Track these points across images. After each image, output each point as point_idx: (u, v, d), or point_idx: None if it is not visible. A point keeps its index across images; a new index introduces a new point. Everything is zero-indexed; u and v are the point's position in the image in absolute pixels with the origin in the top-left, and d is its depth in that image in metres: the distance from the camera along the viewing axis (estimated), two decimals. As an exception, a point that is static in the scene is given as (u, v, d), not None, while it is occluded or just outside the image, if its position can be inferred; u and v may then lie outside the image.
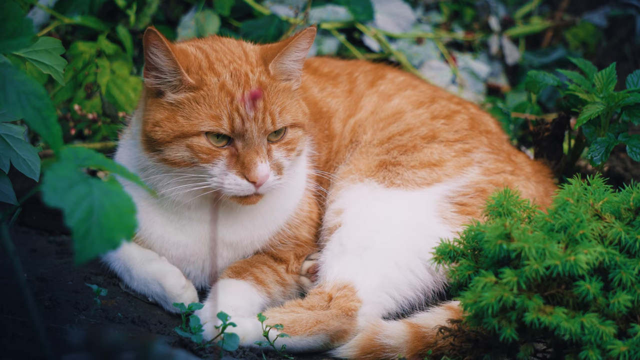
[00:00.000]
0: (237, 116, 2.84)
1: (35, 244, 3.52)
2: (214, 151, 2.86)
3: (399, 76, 3.49)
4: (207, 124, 2.84)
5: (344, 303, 2.89)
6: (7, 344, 2.43)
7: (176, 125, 2.86)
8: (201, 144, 2.85)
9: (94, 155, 2.15)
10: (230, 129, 2.84)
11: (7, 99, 2.14)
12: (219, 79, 2.87)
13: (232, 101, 2.84)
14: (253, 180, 2.84)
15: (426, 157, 3.16)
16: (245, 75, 2.89)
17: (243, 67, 2.91)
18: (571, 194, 2.57)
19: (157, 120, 2.88)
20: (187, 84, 2.86)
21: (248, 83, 2.88)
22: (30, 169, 2.86)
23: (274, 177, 2.90)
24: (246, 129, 2.84)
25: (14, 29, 2.28)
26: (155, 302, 3.06)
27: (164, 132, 2.87)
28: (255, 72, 2.91)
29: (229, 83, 2.87)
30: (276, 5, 4.13)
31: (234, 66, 2.91)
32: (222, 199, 2.94)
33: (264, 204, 3.04)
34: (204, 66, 2.90)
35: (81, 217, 2.01)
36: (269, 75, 2.93)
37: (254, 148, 2.85)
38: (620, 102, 3.18)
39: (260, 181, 2.84)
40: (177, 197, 2.96)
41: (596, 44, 4.57)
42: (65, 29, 4.00)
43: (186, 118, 2.85)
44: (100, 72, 3.84)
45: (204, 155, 2.85)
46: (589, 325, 2.39)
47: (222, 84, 2.86)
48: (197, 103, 2.85)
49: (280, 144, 2.92)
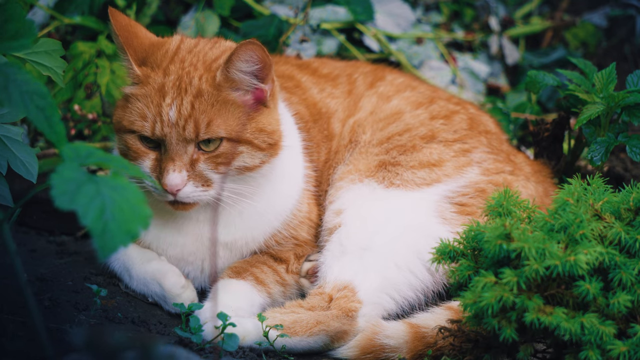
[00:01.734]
0: (159, 120, 2.83)
1: (35, 244, 3.52)
2: (143, 151, 2.88)
3: (398, 77, 3.49)
4: (136, 124, 2.86)
5: (344, 304, 2.89)
6: (7, 344, 2.43)
7: (117, 118, 2.92)
8: (131, 142, 2.89)
9: (95, 152, 2.16)
10: (151, 132, 2.85)
11: (11, 98, 2.14)
12: (163, 79, 2.87)
13: (161, 104, 2.84)
14: (164, 187, 2.83)
15: (425, 157, 3.16)
16: (190, 80, 2.86)
17: (198, 71, 2.88)
18: (571, 194, 2.58)
19: (115, 109, 2.95)
20: (134, 76, 2.90)
21: (186, 89, 2.85)
22: (27, 171, 2.86)
23: (195, 188, 2.85)
24: (165, 134, 2.83)
25: (16, 30, 2.28)
26: (155, 302, 3.06)
27: (114, 123, 2.94)
28: (203, 78, 2.87)
29: (168, 85, 2.86)
30: (276, 6, 4.13)
31: (188, 69, 2.89)
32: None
33: (249, 206, 3.02)
34: (162, 64, 2.91)
35: (95, 215, 2.03)
36: (213, 83, 2.88)
37: (171, 155, 2.84)
38: (620, 102, 3.18)
39: (170, 189, 2.82)
40: None
41: (596, 44, 4.57)
42: (65, 29, 4.00)
43: (126, 112, 2.89)
44: (100, 72, 3.84)
45: (133, 153, 2.89)
46: (589, 325, 2.39)
47: (161, 85, 2.87)
48: (137, 99, 2.88)
49: (210, 156, 2.87)
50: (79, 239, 3.58)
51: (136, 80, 2.90)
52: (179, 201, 2.88)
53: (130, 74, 2.93)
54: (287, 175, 3.11)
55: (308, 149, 3.23)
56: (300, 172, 3.19)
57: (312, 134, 3.27)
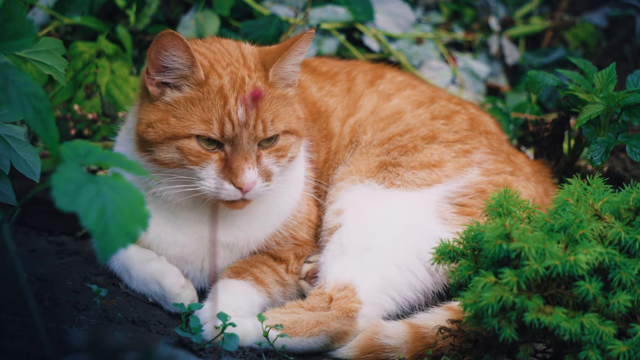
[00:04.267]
0: (228, 121, 2.83)
1: (35, 244, 3.52)
2: (203, 154, 2.85)
3: (399, 76, 3.49)
4: (198, 128, 2.84)
5: (344, 304, 2.89)
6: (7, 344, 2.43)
7: (168, 127, 2.86)
8: (191, 147, 2.85)
9: (94, 150, 2.16)
10: (220, 134, 2.84)
11: (10, 99, 2.15)
12: (220, 81, 2.87)
13: (225, 105, 2.84)
14: (239, 187, 2.84)
15: (426, 158, 3.16)
16: (242, 80, 2.88)
17: (240, 70, 2.90)
18: (571, 194, 2.58)
19: (151, 121, 2.88)
20: (196, 79, 2.85)
21: (243, 88, 2.87)
22: (30, 170, 2.86)
23: (262, 184, 2.89)
24: (236, 134, 2.83)
25: (16, 30, 2.28)
26: (155, 302, 3.06)
27: (156, 133, 2.87)
28: (253, 77, 2.90)
29: (227, 87, 2.86)
30: (276, 5, 4.13)
31: (231, 69, 2.90)
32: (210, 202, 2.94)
33: (260, 206, 3.05)
34: (207, 66, 2.90)
35: (96, 216, 2.04)
36: (267, 81, 2.92)
37: (243, 154, 2.84)
38: (620, 102, 3.18)
39: (247, 188, 2.84)
40: (169, 196, 2.97)
41: (596, 44, 4.57)
42: (65, 29, 4.00)
43: (179, 120, 2.85)
44: (100, 72, 3.84)
45: (193, 157, 2.85)
46: (588, 325, 2.39)
47: (220, 87, 2.86)
48: (192, 105, 2.85)
49: (271, 151, 2.91)
50: (79, 239, 3.58)
51: (194, 81, 2.86)
52: (245, 199, 2.88)
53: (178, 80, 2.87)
54: (292, 175, 3.12)
55: (308, 148, 3.23)
56: (301, 171, 3.19)
57: (312, 133, 3.27)
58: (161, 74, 2.87)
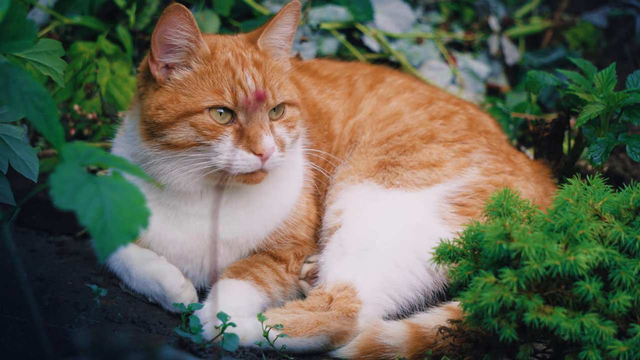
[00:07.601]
0: (240, 89, 2.90)
1: (35, 244, 3.52)
2: (218, 127, 2.88)
3: (398, 79, 3.49)
4: (210, 99, 2.88)
5: (344, 304, 2.89)
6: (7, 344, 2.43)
7: (179, 105, 2.89)
8: (205, 121, 2.88)
9: (95, 152, 2.16)
10: (233, 102, 2.88)
11: (11, 98, 2.15)
12: (225, 55, 2.94)
13: (235, 75, 2.91)
14: (260, 153, 2.86)
15: (425, 158, 3.16)
16: (241, 55, 2.97)
17: (236, 49, 2.99)
18: (571, 194, 2.58)
19: (160, 103, 2.91)
20: (203, 54, 2.92)
21: (245, 61, 2.95)
22: (28, 170, 2.86)
23: (278, 153, 2.93)
24: (249, 101, 2.87)
25: (16, 30, 2.28)
26: (155, 302, 3.06)
27: (167, 114, 2.89)
28: (248, 52, 2.99)
29: (232, 60, 2.94)
30: (276, 5, 4.13)
31: (230, 47, 2.99)
32: (224, 184, 2.93)
33: (261, 197, 3.06)
34: (211, 44, 2.98)
35: (95, 216, 2.04)
36: (260, 51, 3.01)
37: (258, 122, 2.89)
38: (620, 102, 3.18)
39: (267, 153, 2.86)
40: (179, 185, 2.96)
41: (596, 44, 4.57)
42: (65, 29, 4.00)
43: (189, 96, 2.89)
44: (100, 72, 3.84)
45: (208, 132, 2.87)
46: (588, 325, 2.39)
47: (226, 61, 2.93)
48: (202, 79, 2.91)
49: (280, 121, 2.98)
50: (79, 239, 3.58)
51: (201, 55, 2.93)
52: (264, 169, 2.90)
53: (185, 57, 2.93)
54: (293, 167, 3.12)
55: (308, 148, 3.23)
56: (301, 169, 3.19)
57: (312, 134, 3.28)
58: (167, 55, 2.92)
